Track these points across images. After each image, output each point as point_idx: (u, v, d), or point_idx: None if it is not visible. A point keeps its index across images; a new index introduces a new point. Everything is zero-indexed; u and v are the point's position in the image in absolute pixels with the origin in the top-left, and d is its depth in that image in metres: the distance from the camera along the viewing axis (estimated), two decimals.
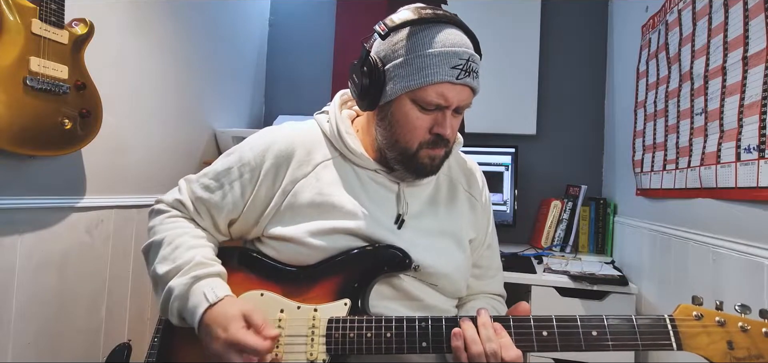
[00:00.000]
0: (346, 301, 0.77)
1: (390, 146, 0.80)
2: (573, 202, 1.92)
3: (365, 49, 0.79)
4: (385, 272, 0.79)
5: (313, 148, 0.85)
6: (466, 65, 0.74)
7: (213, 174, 0.85)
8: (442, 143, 0.79)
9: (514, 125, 2.11)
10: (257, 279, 0.81)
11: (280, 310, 0.77)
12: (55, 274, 1.33)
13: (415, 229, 0.84)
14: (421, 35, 0.74)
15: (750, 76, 0.91)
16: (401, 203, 0.84)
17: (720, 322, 0.63)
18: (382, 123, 0.80)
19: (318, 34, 2.45)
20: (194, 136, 1.92)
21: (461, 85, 0.75)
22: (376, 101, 0.79)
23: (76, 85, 1.23)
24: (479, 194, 0.96)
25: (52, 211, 1.32)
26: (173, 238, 0.80)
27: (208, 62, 2.00)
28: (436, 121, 0.77)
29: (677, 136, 1.24)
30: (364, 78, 0.77)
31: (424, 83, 0.73)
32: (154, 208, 0.89)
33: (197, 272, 0.75)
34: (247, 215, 0.84)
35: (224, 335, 0.68)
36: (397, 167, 0.82)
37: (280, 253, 0.82)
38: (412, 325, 0.72)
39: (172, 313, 0.76)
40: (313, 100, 2.13)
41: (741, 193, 0.93)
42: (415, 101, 0.75)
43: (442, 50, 0.73)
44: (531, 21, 2.14)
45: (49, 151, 1.20)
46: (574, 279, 1.47)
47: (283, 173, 0.82)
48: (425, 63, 0.73)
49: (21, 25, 1.10)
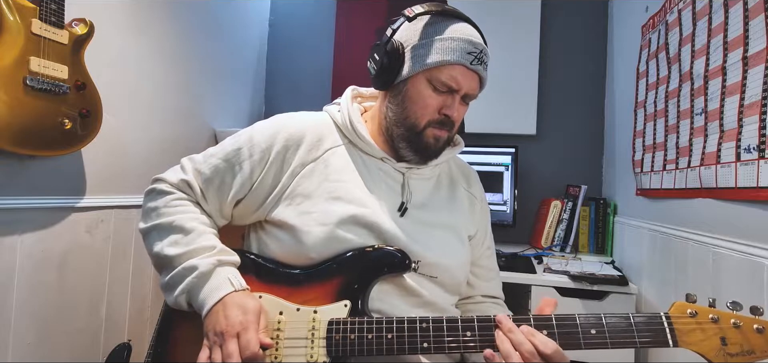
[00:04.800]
0: (346, 303, 0.77)
1: (399, 122, 0.84)
2: (573, 202, 1.92)
3: (391, 30, 0.84)
4: (385, 273, 0.79)
5: (323, 134, 0.88)
6: (479, 55, 0.81)
7: (222, 154, 0.85)
8: (447, 126, 0.84)
9: (514, 125, 2.11)
10: (256, 281, 0.81)
11: (279, 313, 0.77)
12: (55, 274, 1.33)
13: (416, 219, 0.86)
14: (442, 24, 0.82)
15: (750, 76, 0.91)
16: (405, 192, 0.87)
17: (713, 319, 0.64)
18: (394, 100, 0.85)
19: (318, 34, 2.45)
20: (194, 135, 1.92)
21: (472, 72, 0.82)
22: (391, 80, 0.84)
23: (76, 85, 1.23)
24: (478, 194, 1.01)
25: (52, 211, 1.32)
26: (184, 222, 0.80)
27: (208, 62, 2.00)
28: (445, 103, 0.82)
29: (677, 136, 1.24)
30: (385, 57, 0.83)
31: (441, 62, 0.79)
32: (156, 187, 0.87)
33: (221, 257, 0.78)
34: (253, 195, 0.84)
35: (242, 317, 0.70)
36: (402, 146, 0.85)
37: (281, 243, 0.82)
38: (413, 326, 0.72)
39: (183, 292, 0.76)
40: (312, 99, 2.13)
41: (741, 193, 0.93)
42: (429, 80, 0.81)
43: (461, 37, 0.80)
44: (531, 21, 2.14)
45: (49, 151, 1.20)
46: (574, 279, 1.47)
47: (292, 156, 0.84)
48: (445, 46, 0.80)
49: (21, 25, 1.10)
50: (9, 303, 1.20)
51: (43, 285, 1.29)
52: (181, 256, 0.77)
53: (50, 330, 1.32)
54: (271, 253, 0.84)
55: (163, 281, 0.79)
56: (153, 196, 0.86)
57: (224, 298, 0.73)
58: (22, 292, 1.23)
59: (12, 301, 1.21)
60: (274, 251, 0.83)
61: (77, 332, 1.41)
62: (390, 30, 0.84)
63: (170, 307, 0.80)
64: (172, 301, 0.77)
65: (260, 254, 0.86)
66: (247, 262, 0.83)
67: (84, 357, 1.43)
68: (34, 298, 1.27)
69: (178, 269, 0.77)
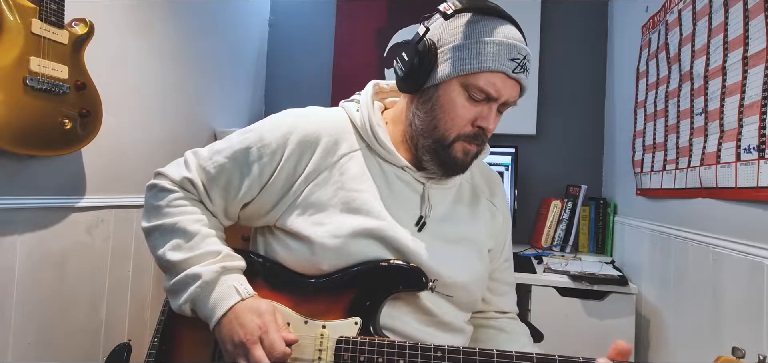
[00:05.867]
0: (357, 320, 0.73)
1: (426, 133, 0.76)
2: (573, 202, 1.92)
3: (424, 27, 0.76)
4: (399, 290, 0.75)
5: (340, 136, 0.80)
6: (523, 61, 0.73)
7: (229, 153, 0.79)
8: (480, 139, 0.77)
9: (514, 125, 2.11)
10: (264, 286, 0.77)
11: (286, 324, 0.74)
12: (55, 274, 1.33)
13: (435, 234, 0.80)
14: (483, 24, 0.73)
15: (750, 76, 0.91)
16: (424, 205, 0.81)
17: None
18: (423, 107, 0.77)
19: (318, 34, 2.45)
20: (194, 135, 1.92)
21: (514, 80, 0.74)
22: (421, 83, 0.76)
23: (76, 85, 1.23)
24: (501, 205, 0.94)
25: (52, 211, 1.32)
26: (187, 225, 0.76)
27: (208, 62, 2.00)
28: (481, 113, 0.74)
29: (677, 136, 1.24)
30: (416, 57, 0.74)
31: (480, 69, 0.71)
32: (158, 183, 0.81)
33: (226, 264, 0.74)
34: (263, 198, 0.78)
35: (259, 321, 0.68)
36: (427, 158, 0.78)
37: (291, 251, 0.77)
38: (427, 354, 0.68)
39: (187, 300, 0.73)
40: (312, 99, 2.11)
41: (741, 193, 0.93)
42: (465, 87, 0.73)
43: (504, 40, 0.72)
44: (531, 21, 2.14)
45: (49, 151, 1.20)
46: (574, 279, 1.47)
47: (307, 159, 0.78)
48: (486, 49, 0.71)
49: (21, 25, 1.10)
50: (9, 303, 1.20)
51: (43, 285, 1.29)
52: (184, 262, 0.74)
53: (50, 330, 1.32)
54: (280, 258, 0.79)
55: (167, 285, 0.76)
56: (155, 192, 0.81)
57: (233, 308, 0.70)
58: (22, 292, 1.23)
59: (12, 301, 1.21)
60: (283, 258, 0.79)
61: (77, 332, 1.41)
62: (423, 27, 0.76)
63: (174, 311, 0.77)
64: (177, 307, 0.74)
65: (268, 258, 0.81)
66: (255, 265, 0.79)
67: (84, 357, 1.43)
68: (34, 298, 1.27)
69: (181, 276, 0.73)
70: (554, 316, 1.48)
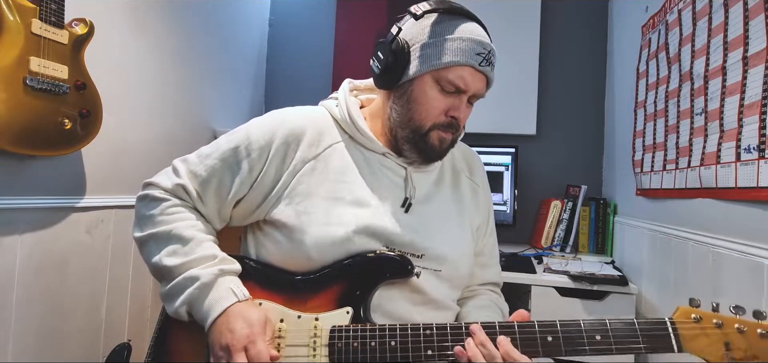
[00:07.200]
0: (348, 310, 0.76)
1: (403, 124, 0.82)
2: (573, 202, 1.92)
3: (397, 28, 0.82)
4: (387, 279, 0.78)
5: (323, 130, 0.85)
6: (488, 56, 0.79)
7: (218, 154, 0.82)
8: (453, 128, 0.82)
9: (514, 125, 2.11)
10: (256, 287, 0.79)
11: (280, 320, 0.76)
12: (55, 274, 1.33)
13: (421, 213, 0.85)
14: (450, 23, 0.79)
15: (750, 76, 0.91)
16: (409, 187, 0.85)
17: (718, 324, 0.64)
18: (399, 101, 0.82)
19: (318, 34, 2.45)
20: (194, 135, 1.92)
21: (481, 74, 0.80)
22: (396, 79, 0.81)
23: (76, 85, 1.23)
24: (480, 180, 0.99)
25: (52, 211, 1.32)
26: (182, 231, 0.78)
27: (208, 62, 2.00)
28: (453, 104, 0.80)
29: (677, 136, 1.24)
30: (390, 55, 0.80)
31: (450, 63, 0.77)
32: (149, 193, 0.83)
33: (223, 266, 0.77)
34: (254, 193, 0.81)
35: (247, 330, 0.69)
36: (406, 147, 0.83)
37: (278, 244, 0.80)
38: (417, 333, 0.71)
39: (184, 303, 0.74)
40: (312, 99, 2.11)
41: (741, 193, 0.93)
42: (437, 80, 0.79)
43: (470, 37, 0.78)
44: (531, 21, 2.14)
45: (49, 151, 1.20)
46: (574, 279, 1.47)
47: (293, 152, 0.82)
48: (454, 46, 0.77)
49: (21, 25, 1.10)
50: (9, 303, 1.20)
51: (43, 285, 1.29)
52: (181, 266, 0.75)
53: (50, 330, 1.32)
54: (270, 256, 0.82)
55: (163, 291, 0.77)
56: (147, 202, 0.83)
57: (228, 310, 0.72)
58: (22, 292, 1.23)
59: (12, 301, 1.21)
60: (273, 254, 0.81)
61: (77, 332, 1.41)
62: (395, 27, 0.82)
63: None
64: (173, 311, 0.75)
65: (259, 259, 0.84)
66: (247, 268, 0.81)
67: (84, 357, 1.43)
68: (34, 298, 1.27)
69: (179, 280, 0.75)
70: (554, 316, 1.44)
